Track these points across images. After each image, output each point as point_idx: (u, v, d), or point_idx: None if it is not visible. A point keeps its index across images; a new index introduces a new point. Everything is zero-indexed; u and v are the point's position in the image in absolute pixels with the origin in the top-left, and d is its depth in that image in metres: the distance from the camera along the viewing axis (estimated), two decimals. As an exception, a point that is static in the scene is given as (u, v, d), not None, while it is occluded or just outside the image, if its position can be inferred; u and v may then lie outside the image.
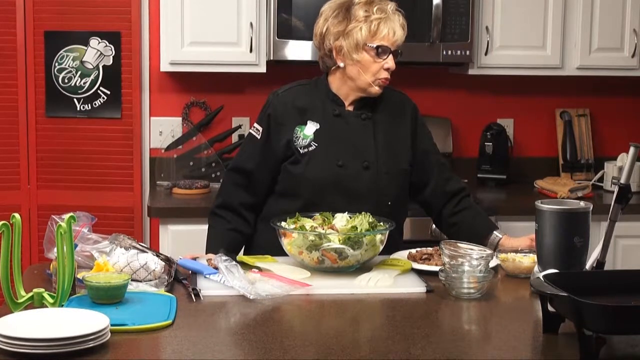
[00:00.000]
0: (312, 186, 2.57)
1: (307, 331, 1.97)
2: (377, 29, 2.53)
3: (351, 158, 2.59)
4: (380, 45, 2.53)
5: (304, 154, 2.58)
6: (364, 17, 2.53)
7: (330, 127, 2.61)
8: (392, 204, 2.62)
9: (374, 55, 2.54)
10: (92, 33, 3.88)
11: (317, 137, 2.59)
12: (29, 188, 3.94)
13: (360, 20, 2.53)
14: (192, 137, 3.99)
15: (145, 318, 1.90)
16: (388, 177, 2.62)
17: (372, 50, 2.54)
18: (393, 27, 2.54)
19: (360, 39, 2.53)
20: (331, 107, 2.63)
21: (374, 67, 2.55)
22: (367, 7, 2.54)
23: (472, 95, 4.24)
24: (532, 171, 4.17)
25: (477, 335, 1.98)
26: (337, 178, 2.57)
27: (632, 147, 2.08)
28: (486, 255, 2.20)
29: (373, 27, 2.53)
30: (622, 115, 4.35)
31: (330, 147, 2.59)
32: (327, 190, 2.56)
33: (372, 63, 2.55)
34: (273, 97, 2.66)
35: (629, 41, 3.93)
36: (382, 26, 2.53)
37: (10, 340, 1.68)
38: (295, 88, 2.69)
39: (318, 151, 2.58)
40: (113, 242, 2.30)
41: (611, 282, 1.96)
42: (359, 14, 2.54)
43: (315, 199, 2.56)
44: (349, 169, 2.59)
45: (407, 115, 2.71)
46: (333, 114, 2.62)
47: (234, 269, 2.20)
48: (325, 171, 2.57)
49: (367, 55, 2.54)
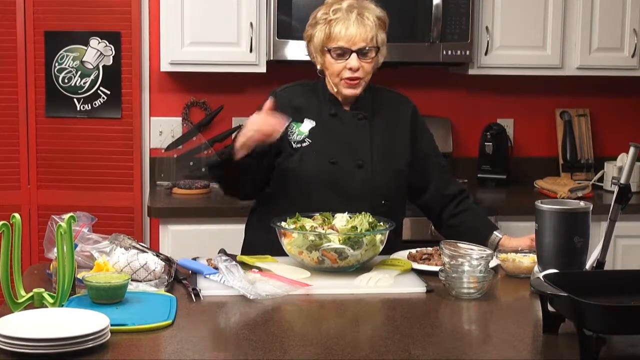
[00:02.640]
0: (304, 182, 2.57)
1: (307, 331, 1.97)
2: (331, 31, 2.52)
3: (345, 156, 2.59)
4: (336, 46, 2.52)
5: (297, 148, 2.58)
6: (323, 20, 2.54)
7: (326, 125, 2.62)
8: (386, 203, 2.61)
9: (334, 57, 2.54)
10: (92, 33, 3.88)
11: (312, 134, 2.60)
12: (29, 188, 3.94)
13: (320, 23, 2.55)
14: (192, 137, 3.99)
15: (145, 318, 1.90)
16: (383, 177, 2.61)
17: (330, 53, 2.54)
18: (345, 26, 2.51)
19: (318, 43, 2.55)
20: (328, 107, 2.63)
21: (336, 67, 2.55)
22: (327, 9, 2.55)
23: (472, 95, 4.24)
24: (532, 171, 4.17)
25: (477, 335, 1.98)
26: (330, 175, 2.57)
27: (632, 147, 2.08)
28: (486, 255, 2.20)
29: (327, 30, 2.53)
30: (622, 115, 4.35)
31: (324, 144, 2.59)
32: (319, 187, 2.56)
33: (334, 64, 2.55)
34: (272, 95, 2.67)
35: (629, 41, 3.93)
36: (334, 27, 2.52)
37: (10, 340, 1.68)
38: (293, 87, 2.70)
39: (311, 147, 2.59)
40: (113, 242, 2.30)
41: (611, 282, 1.96)
42: (319, 17, 2.56)
43: (307, 195, 2.56)
44: (342, 166, 2.58)
45: (406, 117, 2.70)
46: (329, 114, 2.63)
47: (234, 269, 2.20)
48: (317, 167, 2.57)
49: (328, 58, 2.56)
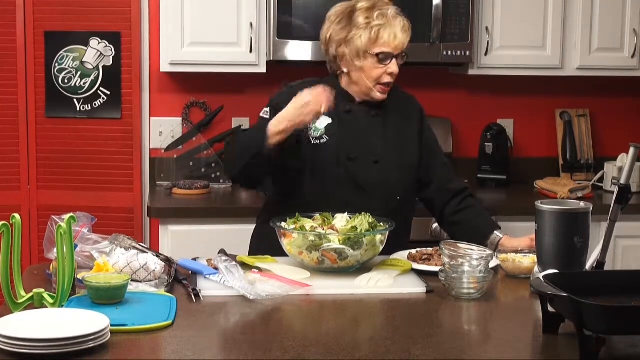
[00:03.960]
0: (323, 178, 2.59)
1: (307, 331, 1.97)
2: (378, 36, 2.55)
3: (361, 152, 2.62)
4: (381, 51, 2.55)
5: (315, 145, 2.60)
6: (365, 24, 2.55)
7: (341, 122, 2.64)
8: (400, 199, 2.65)
9: (375, 62, 2.56)
10: (92, 33, 3.88)
11: (328, 130, 2.62)
12: (29, 188, 3.94)
13: (361, 27, 2.55)
14: (192, 137, 3.99)
15: (145, 318, 1.90)
16: (397, 172, 2.65)
17: (373, 57, 2.55)
18: (394, 32, 2.56)
19: (361, 46, 2.55)
20: (342, 104, 2.64)
21: (376, 72, 2.58)
22: (368, 14, 2.56)
23: (472, 95, 4.24)
24: (532, 171, 4.17)
25: (477, 335, 1.98)
26: (348, 171, 2.60)
27: (632, 147, 2.09)
28: (486, 256, 2.20)
29: (373, 34, 2.54)
30: (622, 115, 4.35)
31: (341, 140, 2.62)
32: (338, 183, 2.59)
33: (374, 69, 2.57)
34: (286, 88, 2.68)
35: (629, 41, 3.93)
36: (382, 32, 2.55)
37: (10, 340, 1.68)
38: (308, 82, 2.68)
39: (329, 144, 2.61)
40: (113, 243, 2.30)
41: (611, 282, 1.96)
42: (360, 21, 2.55)
43: (325, 191, 2.58)
44: (360, 162, 2.61)
45: (415, 116, 2.75)
46: (344, 110, 2.65)
47: (234, 270, 2.20)
48: (336, 163, 2.60)
49: (369, 62, 2.56)
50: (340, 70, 2.63)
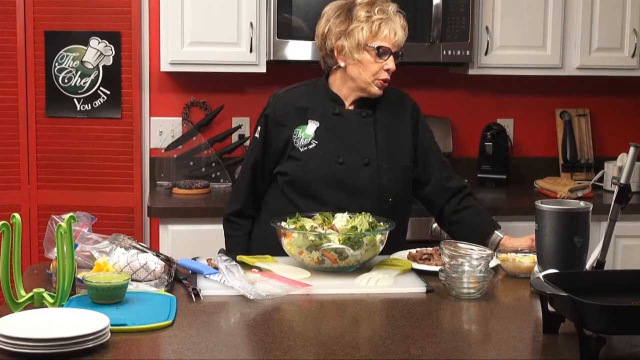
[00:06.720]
0: (312, 182, 2.58)
1: (307, 331, 1.97)
2: (379, 30, 2.55)
3: (351, 154, 2.61)
4: (381, 45, 2.55)
5: (304, 152, 2.60)
6: (366, 18, 2.56)
7: (330, 125, 2.63)
8: (393, 200, 2.63)
9: (374, 56, 2.56)
10: (92, 33, 3.88)
11: (317, 135, 2.61)
12: (29, 188, 3.94)
13: (362, 21, 2.55)
14: (192, 137, 3.99)
15: (145, 318, 1.90)
16: (389, 174, 2.63)
17: (372, 51, 2.56)
18: (394, 28, 2.57)
19: (361, 39, 2.55)
20: (331, 106, 2.64)
21: (374, 67, 2.57)
22: (369, 8, 2.57)
23: (472, 95, 4.24)
24: (532, 171, 4.17)
25: (477, 335, 1.98)
26: (337, 174, 2.59)
27: (632, 147, 2.08)
28: (486, 255, 2.20)
29: (374, 28, 2.55)
30: (622, 115, 4.35)
31: (330, 144, 2.61)
32: (328, 187, 2.58)
33: (373, 63, 2.57)
34: (273, 98, 2.70)
35: (629, 41, 3.93)
36: (383, 27, 2.56)
37: (10, 340, 1.68)
38: (295, 89, 2.71)
39: (318, 148, 2.60)
40: (113, 242, 2.30)
41: (611, 282, 1.96)
42: (361, 15, 2.56)
43: (316, 196, 2.58)
44: (349, 165, 2.60)
45: (407, 113, 2.73)
46: (333, 113, 2.64)
47: (234, 269, 2.20)
48: (325, 168, 2.59)
49: (367, 55, 2.56)
50: (337, 64, 2.62)
